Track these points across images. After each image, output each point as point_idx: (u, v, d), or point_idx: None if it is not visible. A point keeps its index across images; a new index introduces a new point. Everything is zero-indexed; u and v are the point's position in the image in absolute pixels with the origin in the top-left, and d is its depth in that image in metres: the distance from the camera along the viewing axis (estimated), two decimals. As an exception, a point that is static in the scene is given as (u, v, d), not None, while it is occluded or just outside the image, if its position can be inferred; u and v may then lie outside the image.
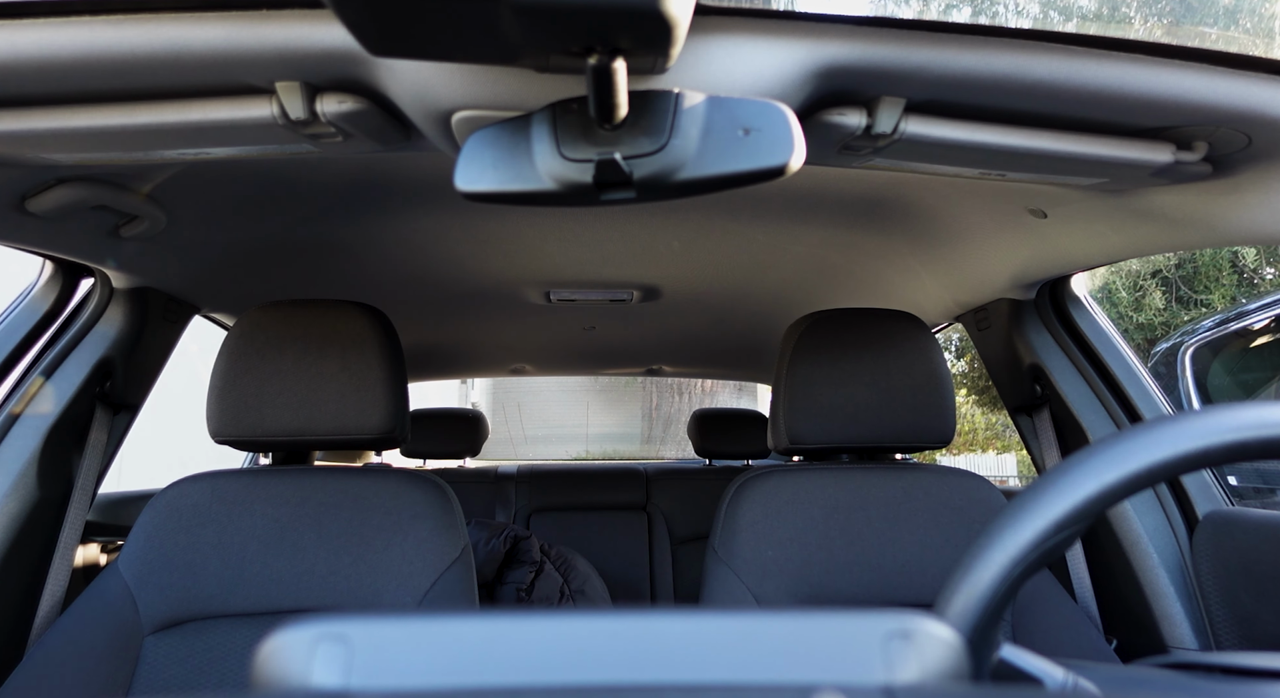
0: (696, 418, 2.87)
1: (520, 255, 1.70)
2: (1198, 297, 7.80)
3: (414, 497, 1.18)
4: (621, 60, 0.52)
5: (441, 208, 1.42)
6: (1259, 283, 7.80)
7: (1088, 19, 7.38)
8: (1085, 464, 0.44)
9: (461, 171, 0.61)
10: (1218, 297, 7.67)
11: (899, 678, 0.34)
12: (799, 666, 0.34)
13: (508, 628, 0.35)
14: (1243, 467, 3.12)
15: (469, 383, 10.08)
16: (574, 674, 0.34)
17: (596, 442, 11.04)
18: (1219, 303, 7.51)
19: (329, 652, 0.34)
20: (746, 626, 0.36)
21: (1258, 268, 7.78)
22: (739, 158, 0.58)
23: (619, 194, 0.61)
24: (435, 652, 0.34)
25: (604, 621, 0.36)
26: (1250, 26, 6.26)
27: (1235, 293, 7.65)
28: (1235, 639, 1.15)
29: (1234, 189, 0.90)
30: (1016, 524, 0.43)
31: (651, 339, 2.59)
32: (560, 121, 0.60)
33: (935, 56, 0.68)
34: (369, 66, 0.68)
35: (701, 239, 1.60)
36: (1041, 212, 1.18)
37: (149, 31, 0.65)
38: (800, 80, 0.68)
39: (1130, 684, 0.55)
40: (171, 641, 1.07)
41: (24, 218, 1.00)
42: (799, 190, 1.35)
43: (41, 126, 0.75)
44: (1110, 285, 7.96)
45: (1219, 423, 0.43)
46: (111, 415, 1.37)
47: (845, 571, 1.18)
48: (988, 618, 0.42)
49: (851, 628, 0.35)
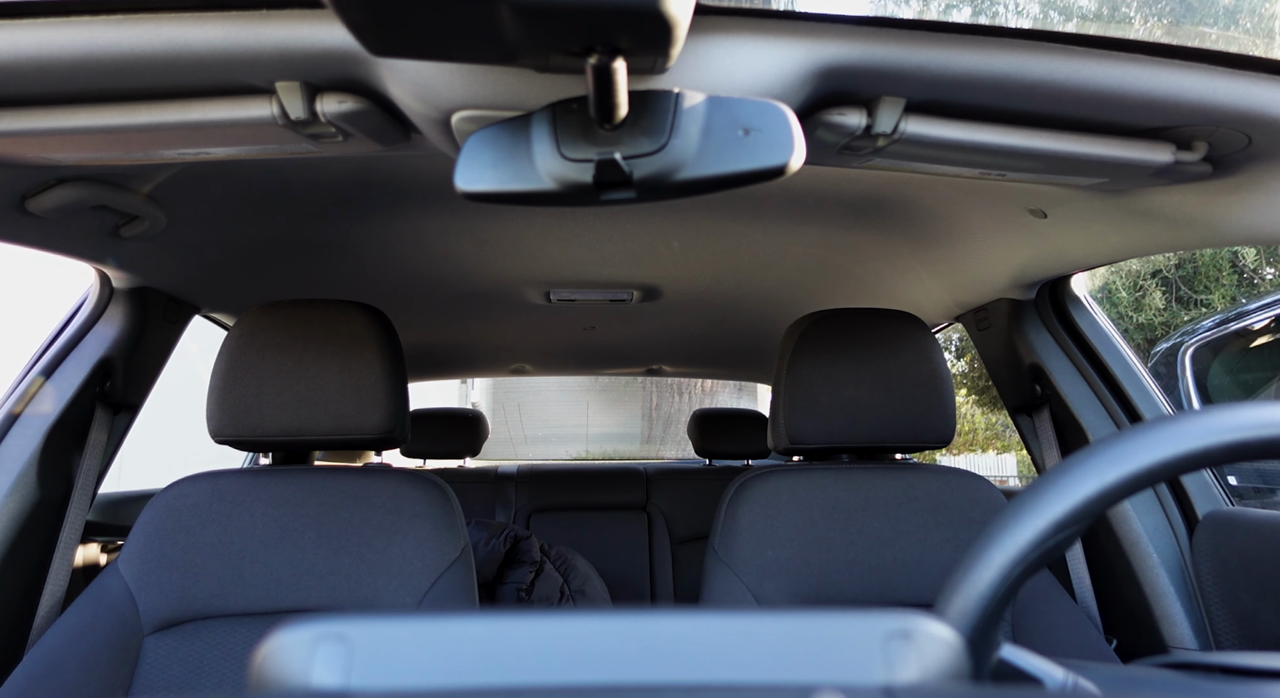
0: (696, 418, 2.87)
1: (520, 255, 1.70)
2: (1198, 297, 7.80)
3: (414, 497, 1.18)
4: (621, 60, 0.52)
5: (441, 208, 1.42)
6: (1259, 283, 7.80)
7: (1088, 19, 7.38)
8: (1085, 464, 0.44)
9: (461, 171, 0.61)
10: (1218, 297, 7.67)
11: (899, 678, 0.34)
12: (799, 666, 0.34)
13: (508, 628, 0.35)
14: (1243, 467, 3.12)
15: (469, 383, 10.08)
16: (574, 674, 0.34)
17: (596, 442, 11.04)
18: (1219, 303, 7.51)
19: (329, 652, 0.34)
20: (746, 626, 0.36)
21: (1258, 268, 7.78)
22: (739, 158, 0.58)
23: (619, 194, 0.61)
24: (435, 652, 0.34)
25: (604, 621, 0.36)
26: (1250, 26, 6.27)
27: (1235, 293, 7.65)
28: (1235, 639, 1.15)
29: (1234, 189, 0.90)
30: (1016, 524, 0.43)
31: (651, 339, 2.59)
32: (560, 121, 0.60)
33: (935, 56, 0.68)
34: (369, 66, 0.68)
35: (701, 239, 1.60)
36: (1041, 211, 1.18)
37: (149, 31, 0.65)
38: (800, 80, 0.68)
39: (1130, 684, 0.55)
40: (171, 640, 1.07)
41: (24, 218, 1.00)
42: (799, 190, 1.35)
43: (41, 126, 0.75)
44: (1110, 285, 7.96)
45: (1219, 423, 0.43)
46: (111, 415, 1.37)
47: (845, 571, 1.18)
48: (988, 618, 0.42)
49: (851, 628, 0.35)
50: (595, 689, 0.33)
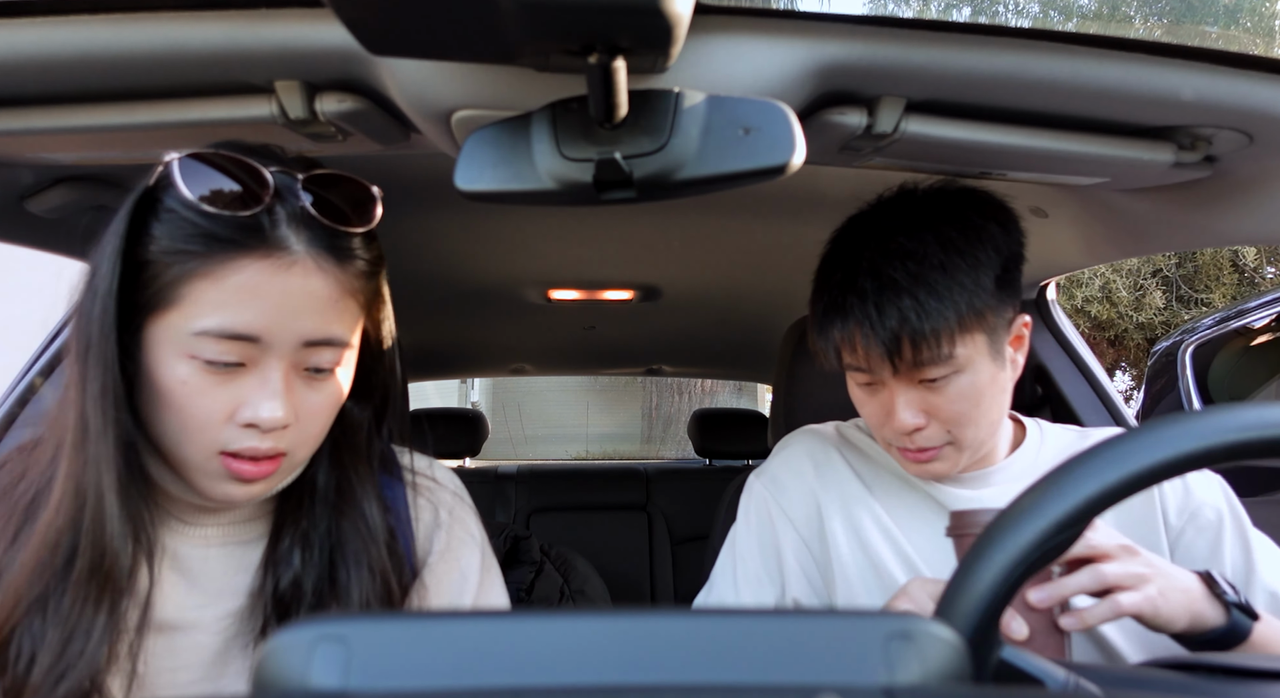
0: (696, 418, 2.86)
1: (520, 255, 1.70)
2: (1198, 296, 7.80)
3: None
4: (622, 59, 0.52)
5: (441, 207, 1.42)
6: (1260, 282, 7.80)
7: (1088, 19, 7.38)
8: (1086, 465, 0.44)
9: (461, 171, 0.61)
10: (1218, 296, 7.67)
11: (900, 679, 0.34)
12: (799, 666, 0.34)
13: (508, 628, 0.35)
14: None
15: (469, 383, 10.09)
16: (574, 674, 0.34)
17: (596, 442, 11.04)
18: (1219, 302, 7.51)
19: (328, 652, 0.34)
20: (746, 626, 0.36)
21: (1258, 267, 7.78)
22: (739, 157, 0.58)
23: (619, 194, 0.61)
24: (434, 652, 0.34)
25: (604, 621, 0.36)
26: (1251, 26, 6.26)
27: (1236, 292, 7.65)
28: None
29: (1234, 189, 0.90)
30: (1017, 525, 0.43)
31: (651, 339, 2.59)
32: (560, 121, 0.60)
33: (935, 56, 0.68)
34: (368, 65, 0.68)
35: (701, 239, 1.60)
36: (1042, 211, 1.18)
37: (149, 31, 0.65)
38: (801, 80, 0.68)
39: (1130, 684, 0.55)
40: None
41: (24, 217, 1.00)
42: (799, 190, 1.35)
43: (41, 126, 0.75)
44: (1110, 285, 7.96)
45: (1219, 423, 0.43)
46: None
47: None
48: (989, 618, 0.42)
49: (852, 629, 0.35)
50: (595, 689, 0.33)
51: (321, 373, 0.71)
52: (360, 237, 0.72)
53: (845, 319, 0.87)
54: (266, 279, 0.65)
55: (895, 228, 0.89)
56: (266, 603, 0.75)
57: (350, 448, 0.80)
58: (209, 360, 0.65)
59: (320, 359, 0.70)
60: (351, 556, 0.77)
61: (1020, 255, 0.92)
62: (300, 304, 0.67)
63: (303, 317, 0.67)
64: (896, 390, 0.88)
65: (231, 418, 0.67)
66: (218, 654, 0.74)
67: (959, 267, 0.85)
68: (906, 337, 0.83)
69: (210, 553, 0.76)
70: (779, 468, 1.09)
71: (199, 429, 0.67)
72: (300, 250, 0.67)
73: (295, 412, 0.69)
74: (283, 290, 0.66)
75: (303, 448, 0.72)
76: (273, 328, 0.66)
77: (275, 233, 0.66)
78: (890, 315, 0.84)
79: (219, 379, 0.66)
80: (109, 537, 0.66)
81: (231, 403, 0.67)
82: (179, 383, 0.66)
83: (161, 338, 0.66)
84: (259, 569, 0.76)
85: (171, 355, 0.66)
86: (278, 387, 0.67)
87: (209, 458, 0.68)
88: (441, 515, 0.86)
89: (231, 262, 0.64)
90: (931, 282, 0.84)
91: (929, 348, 0.83)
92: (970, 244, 0.87)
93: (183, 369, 0.66)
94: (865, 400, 0.94)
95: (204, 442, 0.67)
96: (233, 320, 0.65)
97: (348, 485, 0.79)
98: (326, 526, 0.77)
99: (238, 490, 0.70)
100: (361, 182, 0.71)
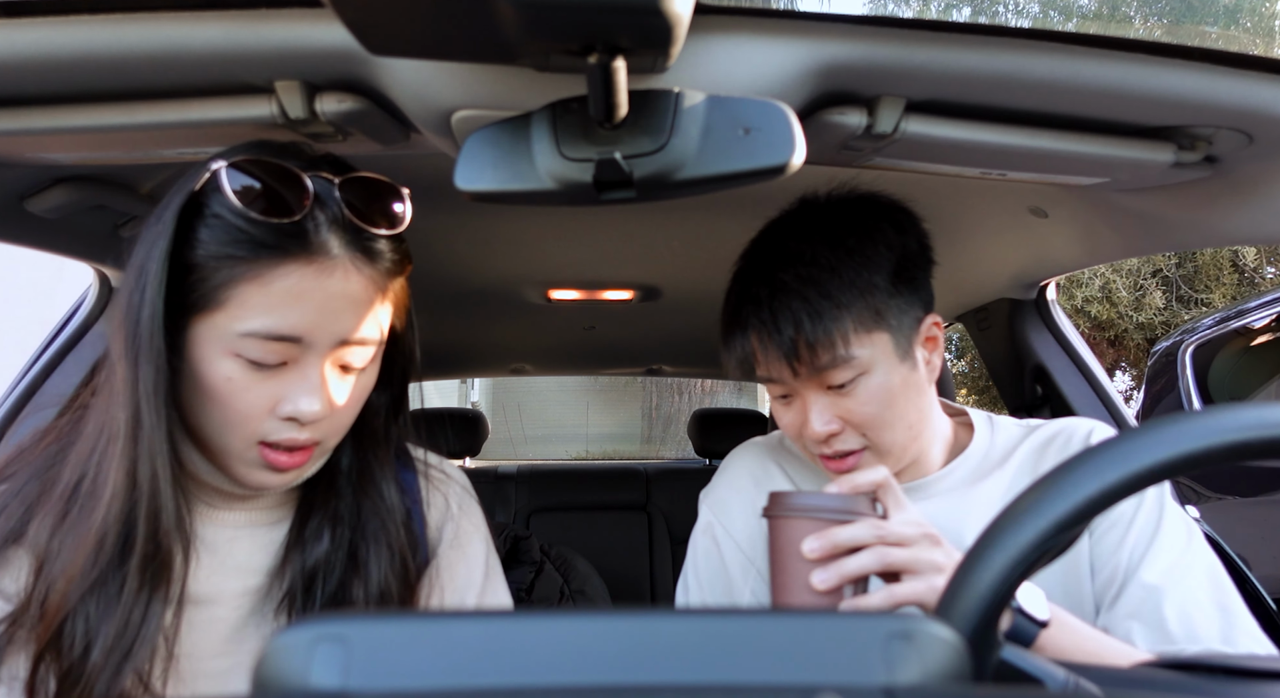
0: (696, 418, 2.87)
1: (520, 255, 1.70)
2: (1198, 296, 7.80)
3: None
4: (621, 59, 0.52)
5: (441, 207, 1.41)
6: (1260, 282, 7.80)
7: (1088, 19, 7.38)
8: (1086, 464, 0.44)
9: (461, 171, 0.61)
10: (1218, 296, 7.67)
11: (900, 679, 0.34)
12: (799, 666, 0.34)
13: (507, 628, 0.35)
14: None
15: (469, 383, 10.08)
16: (574, 674, 0.34)
17: (596, 442, 11.03)
18: (1220, 302, 7.51)
19: (327, 653, 0.34)
20: (746, 626, 0.36)
21: (1259, 267, 7.78)
22: (739, 157, 0.58)
23: (619, 194, 0.61)
24: (434, 652, 0.34)
25: (604, 621, 0.36)
26: (1251, 26, 6.26)
27: (1236, 292, 7.65)
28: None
29: (1234, 189, 0.90)
30: (1017, 525, 0.43)
31: (651, 339, 2.59)
32: (560, 121, 0.60)
33: (935, 56, 0.68)
34: (368, 65, 0.68)
35: (701, 239, 1.60)
36: (1042, 211, 1.18)
37: (148, 31, 0.65)
38: (800, 80, 0.68)
39: (1130, 684, 0.55)
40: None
41: (24, 218, 1.00)
42: (799, 190, 1.35)
43: (41, 126, 0.75)
44: (1110, 285, 7.95)
45: (1219, 423, 0.43)
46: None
47: None
48: (989, 618, 0.42)
49: (852, 628, 0.35)
50: (595, 689, 0.33)
51: (354, 367, 0.74)
52: (389, 236, 0.74)
53: (745, 329, 0.88)
54: (311, 284, 0.68)
55: (789, 235, 0.91)
56: (294, 578, 0.78)
57: (370, 432, 0.83)
58: (253, 360, 0.68)
59: (354, 356, 0.73)
60: (371, 534, 0.80)
61: (920, 255, 0.93)
62: (340, 306, 0.70)
63: (342, 318, 0.70)
64: (808, 398, 0.88)
65: (272, 412, 0.70)
66: (234, 630, 0.77)
67: (849, 266, 0.85)
68: (803, 339, 0.83)
69: (236, 534, 0.79)
70: (723, 488, 1.10)
71: (241, 422, 0.70)
72: (340, 254, 0.69)
73: (330, 404, 0.71)
74: (325, 294, 0.69)
75: (334, 437, 0.75)
76: (314, 329, 0.69)
77: (318, 238, 0.68)
78: (784, 319, 0.84)
79: (262, 376, 0.69)
80: (164, 527, 0.69)
81: (273, 398, 0.70)
82: (224, 380, 0.68)
83: (207, 337, 0.68)
84: (282, 548, 0.79)
85: (217, 354, 0.68)
86: (317, 382, 0.70)
87: (248, 447, 0.71)
88: (452, 507, 0.89)
89: (277, 266, 0.67)
90: (822, 282, 0.84)
91: (825, 350, 0.84)
92: (861, 243, 0.87)
93: (227, 367, 0.68)
94: (782, 412, 0.94)
95: (245, 433, 0.70)
96: (278, 323, 0.67)
97: (367, 468, 0.82)
98: (350, 505, 0.81)
99: (272, 478, 0.73)
100: (391, 183, 0.73)
